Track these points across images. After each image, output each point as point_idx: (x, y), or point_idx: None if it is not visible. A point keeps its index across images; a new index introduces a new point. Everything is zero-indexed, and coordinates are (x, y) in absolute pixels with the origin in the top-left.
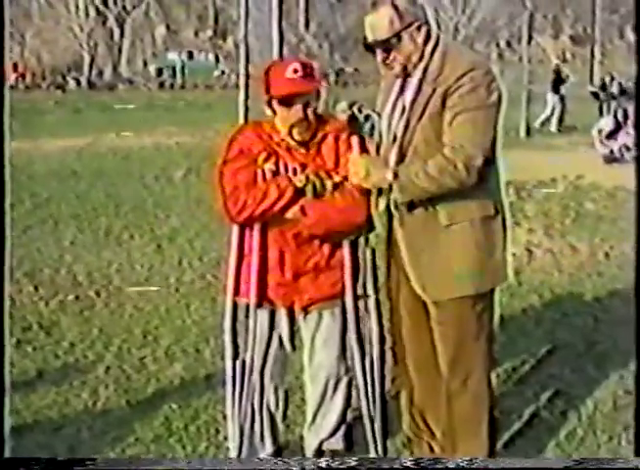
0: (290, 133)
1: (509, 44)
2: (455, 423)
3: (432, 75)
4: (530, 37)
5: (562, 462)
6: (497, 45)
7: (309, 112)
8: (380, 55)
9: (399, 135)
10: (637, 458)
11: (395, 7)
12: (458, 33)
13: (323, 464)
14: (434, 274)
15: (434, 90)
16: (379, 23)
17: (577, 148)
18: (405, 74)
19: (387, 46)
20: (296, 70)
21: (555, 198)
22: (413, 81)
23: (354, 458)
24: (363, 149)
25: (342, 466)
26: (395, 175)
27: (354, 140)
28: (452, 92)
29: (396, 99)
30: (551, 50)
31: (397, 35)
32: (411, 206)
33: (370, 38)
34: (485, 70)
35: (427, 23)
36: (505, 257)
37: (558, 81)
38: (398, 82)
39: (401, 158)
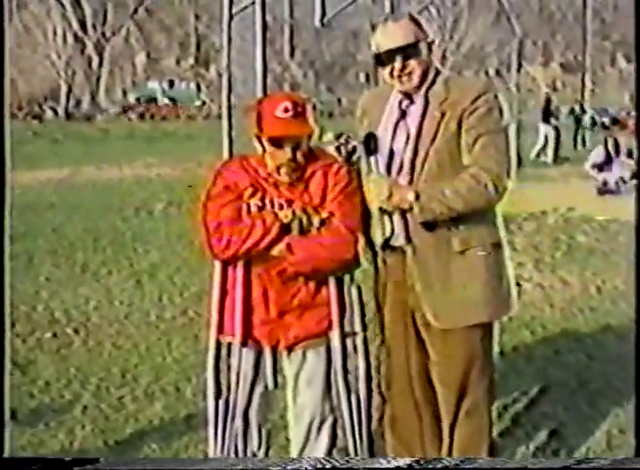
0: (277, 172)
1: (498, 72)
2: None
3: (437, 99)
4: (520, 65)
5: (562, 462)
6: (486, 73)
7: (299, 154)
8: (398, 63)
9: (408, 161)
10: (637, 458)
11: (415, 19)
12: (446, 61)
13: (318, 464)
14: (448, 302)
15: (442, 114)
16: (399, 31)
17: (569, 179)
18: (404, 93)
19: (408, 53)
20: (286, 109)
21: (545, 230)
22: (416, 105)
23: (347, 458)
24: (379, 170)
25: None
26: (417, 195)
27: (372, 161)
28: (468, 114)
29: (395, 125)
30: (541, 78)
31: (420, 43)
32: (428, 227)
33: (387, 46)
34: (496, 93)
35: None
36: (510, 286)
37: (548, 110)
38: (395, 108)
39: (411, 184)
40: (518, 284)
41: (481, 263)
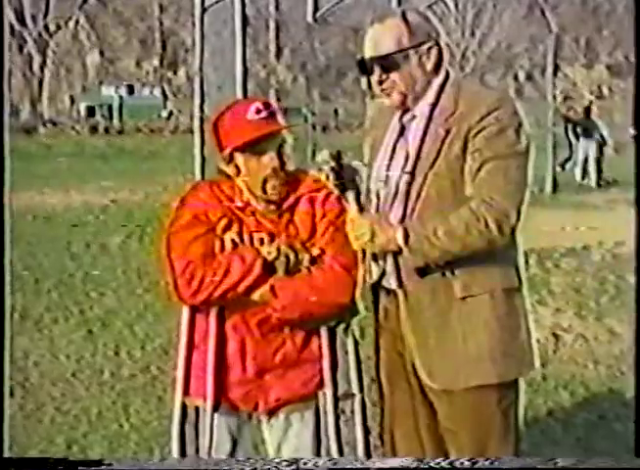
0: (263, 190)
1: (530, 76)
2: None
3: (443, 114)
4: (557, 67)
5: (562, 462)
6: (515, 78)
7: (285, 159)
8: (376, 75)
9: (403, 187)
10: (637, 458)
11: (406, 21)
12: (466, 63)
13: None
14: (445, 357)
15: (447, 131)
16: (383, 36)
17: (617, 207)
18: (404, 109)
19: (387, 64)
20: (259, 110)
21: (589, 269)
22: (417, 120)
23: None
24: (360, 206)
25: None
26: (407, 235)
27: (350, 196)
28: (475, 134)
29: (395, 143)
30: (583, 84)
31: (403, 53)
32: (422, 272)
33: (369, 54)
34: (513, 110)
35: (439, 46)
36: (531, 339)
37: (587, 122)
38: (396, 122)
39: (405, 215)
40: (555, 335)
41: (490, 312)
